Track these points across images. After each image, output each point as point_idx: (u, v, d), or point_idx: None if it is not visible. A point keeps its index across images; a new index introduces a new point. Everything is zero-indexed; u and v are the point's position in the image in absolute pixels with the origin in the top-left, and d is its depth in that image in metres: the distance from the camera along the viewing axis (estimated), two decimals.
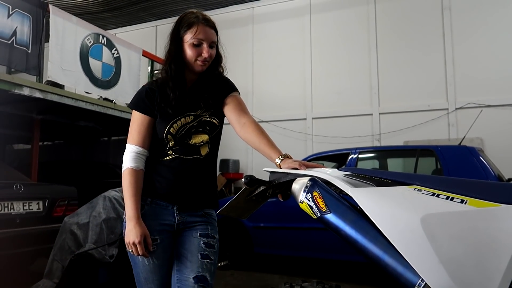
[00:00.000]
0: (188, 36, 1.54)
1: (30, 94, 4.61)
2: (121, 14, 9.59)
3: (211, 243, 1.61)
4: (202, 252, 1.57)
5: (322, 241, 4.53)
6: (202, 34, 1.54)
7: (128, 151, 1.58)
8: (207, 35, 1.55)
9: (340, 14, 8.07)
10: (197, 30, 1.53)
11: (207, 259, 1.56)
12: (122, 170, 1.56)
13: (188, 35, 1.54)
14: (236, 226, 5.10)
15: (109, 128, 7.20)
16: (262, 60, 8.63)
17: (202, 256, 1.56)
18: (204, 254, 1.57)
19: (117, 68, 5.96)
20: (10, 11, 4.54)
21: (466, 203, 0.94)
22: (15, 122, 6.24)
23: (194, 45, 1.54)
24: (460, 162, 4.13)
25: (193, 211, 1.62)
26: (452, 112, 6.87)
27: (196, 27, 1.53)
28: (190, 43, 1.54)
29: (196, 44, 1.54)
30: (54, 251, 3.50)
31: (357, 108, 7.64)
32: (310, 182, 1.17)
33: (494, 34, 6.74)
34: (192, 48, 1.54)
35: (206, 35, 1.55)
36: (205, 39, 1.54)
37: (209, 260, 1.57)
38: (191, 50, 1.55)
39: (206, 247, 1.59)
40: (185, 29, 1.55)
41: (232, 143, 5.01)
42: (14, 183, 3.95)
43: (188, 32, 1.54)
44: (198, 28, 1.53)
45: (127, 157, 1.57)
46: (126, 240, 1.50)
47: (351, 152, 4.76)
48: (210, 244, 1.61)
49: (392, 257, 0.96)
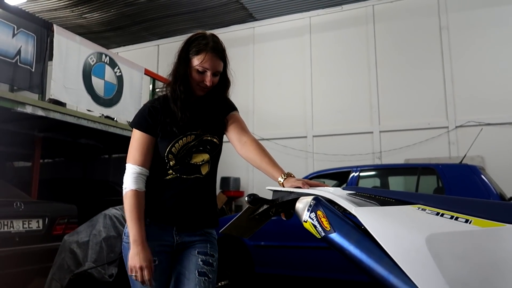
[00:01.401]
0: (195, 61, 1.55)
1: (32, 112, 4.64)
2: (123, 33, 9.72)
3: (210, 261, 1.59)
4: (199, 270, 1.55)
5: (324, 260, 4.48)
6: (208, 63, 1.54)
7: (129, 172, 1.56)
8: (213, 64, 1.56)
9: (339, 33, 8.18)
10: (204, 59, 1.54)
11: (204, 277, 1.54)
12: (124, 191, 1.53)
13: (195, 61, 1.55)
14: (237, 244, 5.06)
15: (110, 145, 7.22)
16: (262, 79, 8.71)
17: (199, 273, 1.54)
18: (201, 271, 1.55)
19: (119, 86, 6.01)
20: (15, 31, 4.61)
21: (471, 222, 0.94)
22: (16, 140, 6.24)
23: (198, 72, 1.56)
24: (461, 181, 4.12)
25: (192, 231, 1.61)
26: (452, 130, 6.89)
27: (204, 55, 1.54)
28: (195, 68, 1.56)
29: (201, 71, 1.56)
30: (53, 270, 3.46)
31: (358, 126, 7.67)
32: (314, 201, 1.17)
33: (493, 52, 6.82)
34: (196, 73, 1.56)
35: (211, 64, 1.55)
36: (210, 68, 1.55)
37: (207, 277, 1.55)
38: (195, 75, 1.57)
39: (204, 264, 1.57)
40: (193, 54, 1.56)
41: (233, 161, 5.02)
42: (14, 201, 3.94)
43: (195, 58, 1.55)
44: (206, 56, 1.54)
45: (128, 178, 1.55)
46: (131, 264, 1.45)
47: (353, 170, 4.76)
48: (209, 262, 1.59)
49: (398, 277, 0.95)
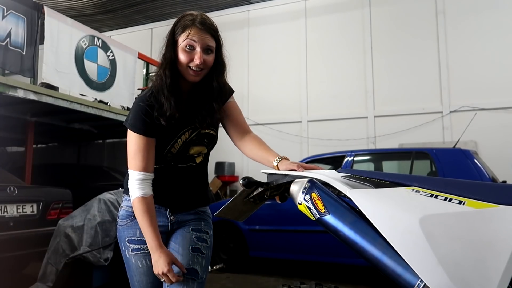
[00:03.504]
0: (181, 39, 1.42)
1: (24, 96, 4.59)
2: (116, 16, 9.56)
3: (204, 238, 1.59)
4: (193, 246, 1.55)
5: (317, 244, 4.53)
6: (193, 37, 1.40)
7: (133, 179, 1.46)
8: (201, 38, 1.41)
9: (335, 17, 8.10)
10: (190, 33, 1.40)
11: (198, 252, 1.54)
12: (131, 199, 1.47)
13: (181, 38, 1.41)
14: (232, 229, 5.09)
15: (104, 130, 7.17)
16: (257, 63, 8.64)
17: (193, 249, 1.54)
18: (195, 247, 1.55)
19: (112, 70, 5.94)
20: (5, 13, 4.51)
21: (464, 204, 0.94)
22: (9, 125, 6.18)
23: (186, 50, 1.41)
24: (455, 165, 4.16)
25: (186, 211, 1.62)
26: (446, 115, 6.92)
27: (190, 29, 1.40)
28: (182, 47, 1.41)
29: (189, 49, 1.41)
30: (48, 254, 3.47)
31: (352, 111, 7.67)
32: (309, 183, 1.17)
33: (488, 38, 6.80)
34: (184, 52, 1.41)
35: (199, 38, 1.40)
36: (198, 41, 1.40)
37: (201, 253, 1.55)
38: (183, 55, 1.42)
39: (198, 241, 1.57)
40: (179, 32, 1.43)
41: (227, 146, 5.00)
42: (8, 186, 3.92)
43: (181, 36, 1.41)
44: (192, 31, 1.40)
45: (133, 186, 1.46)
46: (156, 271, 1.42)
47: (347, 155, 4.77)
48: (203, 238, 1.59)
49: (391, 258, 0.96)
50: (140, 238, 1.54)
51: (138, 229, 1.54)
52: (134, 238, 1.56)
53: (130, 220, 1.57)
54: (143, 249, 1.54)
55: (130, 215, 1.57)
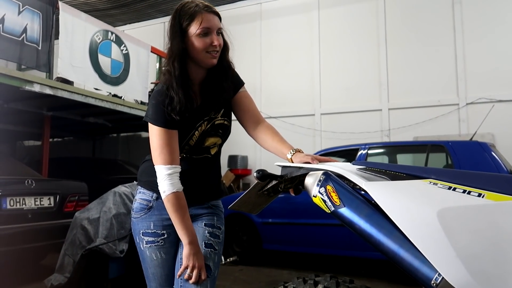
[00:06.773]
0: (193, 28, 1.43)
1: (40, 90, 4.66)
2: (128, 11, 9.61)
3: (216, 233, 1.60)
4: (206, 242, 1.55)
5: (331, 237, 4.51)
6: (207, 22, 1.43)
7: (162, 174, 1.44)
8: (213, 22, 1.45)
9: (349, 9, 7.99)
10: (203, 19, 1.43)
11: (211, 248, 1.55)
12: (163, 196, 1.44)
13: (193, 27, 1.43)
14: (245, 222, 5.11)
15: (118, 124, 7.25)
16: (270, 56, 8.59)
17: (206, 245, 1.54)
18: (208, 243, 1.55)
19: (126, 64, 5.98)
20: (21, 8, 4.57)
21: (484, 196, 0.92)
22: (25, 119, 6.30)
23: (201, 36, 1.43)
24: (471, 158, 4.08)
25: (200, 204, 1.62)
26: (462, 108, 6.79)
27: (200, 16, 1.43)
28: (197, 34, 1.43)
29: (203, 35, 1.43)
30: (65, 246, 3.53)
31: (366, 103, 7.58)
32: (324, 176, 1.16)
33: (506, 28, 6.63)
34: (200, 39, 1.43)
35: (211, 22, 1.44)
36: (212, 26, 1.44)
37: (213, 249, 1.55)
38: (199, 42, 1.43)
39: (211, 236, 1.57)
40: (188, 21, 1.44)
41: (240, 139, 5.00)
42: (26, 179, 4.00)
43: (192, 24, 1.43)
44: (204, 17, 1.43)
45: (164, 182, 1.43)
46: (190, 263, 1.43)
47: (361, 148, 4.73)
48: (215, 234, 1.60)
49: (408, 251, 0.94)
50: (154, 230, 1.56)
51: (152, 221, 1.56)
52: (148, 231, 1.57)
53: (144, 213, 1.59)
54: (157, 242, 1.55)
55: (144, 208, 1.58)
